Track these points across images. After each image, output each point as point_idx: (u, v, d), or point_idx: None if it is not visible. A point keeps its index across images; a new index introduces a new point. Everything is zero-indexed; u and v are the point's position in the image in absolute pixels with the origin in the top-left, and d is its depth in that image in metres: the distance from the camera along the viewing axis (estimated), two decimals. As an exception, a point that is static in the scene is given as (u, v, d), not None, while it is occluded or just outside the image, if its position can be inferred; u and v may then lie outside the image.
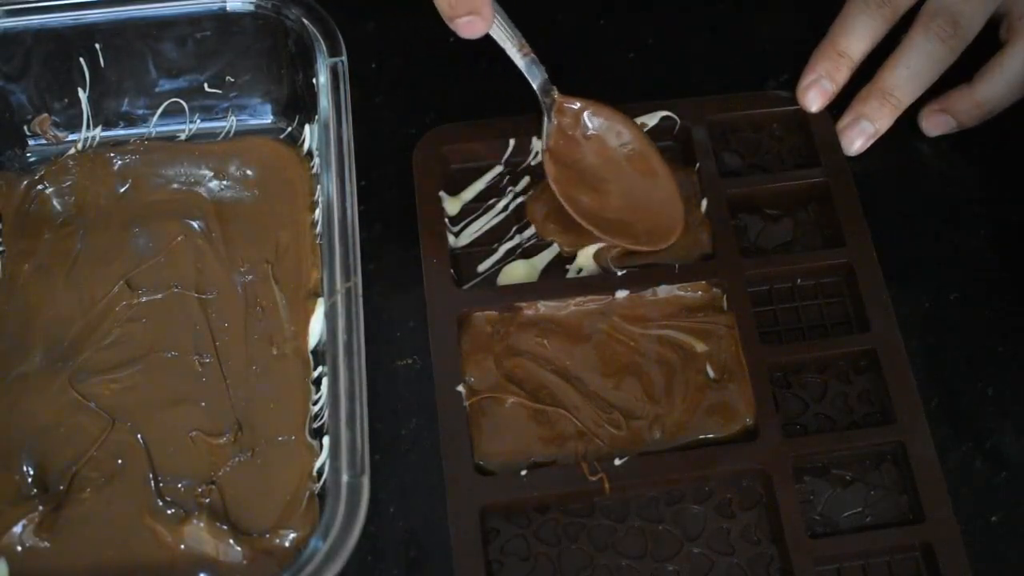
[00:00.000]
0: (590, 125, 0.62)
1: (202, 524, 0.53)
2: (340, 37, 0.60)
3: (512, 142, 0.64)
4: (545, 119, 0.61)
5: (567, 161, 0.61)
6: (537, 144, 0.63)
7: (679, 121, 0.64)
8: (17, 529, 0.53)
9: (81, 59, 0.62)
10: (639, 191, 0.61)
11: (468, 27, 0.56)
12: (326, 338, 0.54)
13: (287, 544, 0.53)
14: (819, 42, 0.64)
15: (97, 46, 0.61)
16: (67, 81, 0.62)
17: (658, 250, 0.60)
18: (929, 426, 0.56)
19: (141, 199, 0.62)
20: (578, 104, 0.62)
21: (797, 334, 0.60)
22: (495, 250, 0.62)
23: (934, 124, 0.64)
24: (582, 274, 0.61)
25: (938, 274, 0.61)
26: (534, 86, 0.61)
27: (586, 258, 0.61)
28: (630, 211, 0.61)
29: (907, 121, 0.64)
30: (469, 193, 0.63)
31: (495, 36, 0.59)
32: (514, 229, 0.62)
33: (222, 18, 0.61)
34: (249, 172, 0.63)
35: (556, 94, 0.61)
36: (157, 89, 0.63)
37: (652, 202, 0.61)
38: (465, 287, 0.60)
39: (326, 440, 0.52)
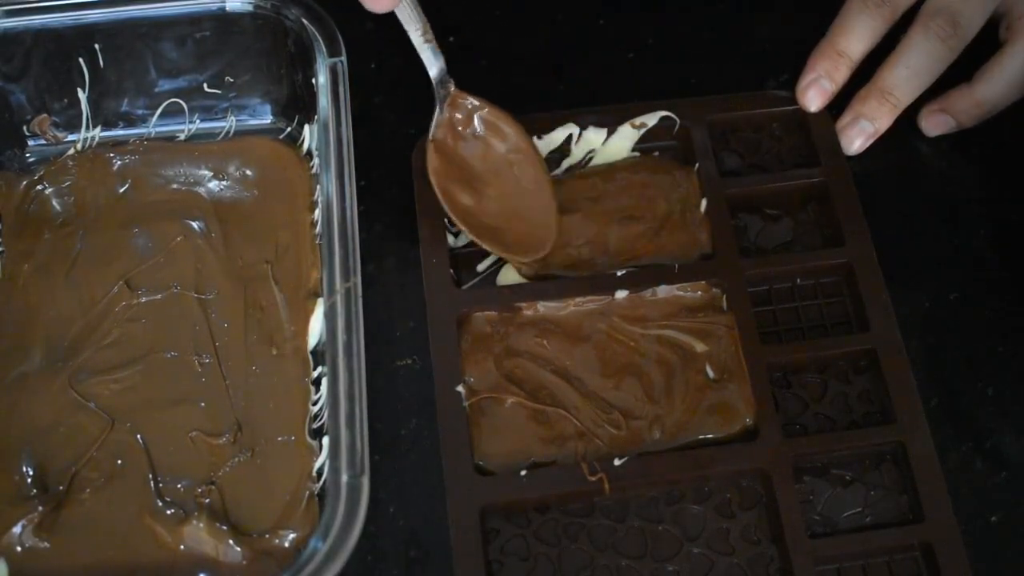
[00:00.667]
0: (480, 126, 0.61)
1: (202, 524, 0.53)
2: (340, 37, 0.60)
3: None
4: (437, 110, 0.60)
5: (451, 156, 0.60)
6: (539, 144, 0.63)
7: (679, 121, 0.64)
8: (17, 529, 0.53)
9: (81, 59, 0.62)
10: (517, 200, 0.60)
11: (374, 0, 0.55)
12: (326, 338, 0.54)
13: (287, 544, 0.53)
14: (819, 42, 0.64)
15: (97, 46, 0.61)
16: (67, 81, 0.62)
17: (527, 261, 0.60)
18: (929, 426, 0.56)
19: (141, 199, 0.62)
20: (472, 102, 0.61)
21: (797, 334, 0.60)
22: (494, 250, 0.62)
23: (934, 124, 0.64)
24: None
25: (938, 274, 0.61)
26: (431, 74, 0.59)
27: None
28: (505, 218, 0.60)
29: (907, 121, 0.64)
30: (468, 193, 0.63)
31: (400, 16, 0.57)
32: (513, 229, 0.62)
33: (221, 18, 0.61)
34: (249, 172, 0.63)
35: (452, 87, 0.60)
36: (157, 89, 0.63)
37: (528, 213, 0.60)
38: (465, 287, 0.60)
39: (326, 440, 0.52)
